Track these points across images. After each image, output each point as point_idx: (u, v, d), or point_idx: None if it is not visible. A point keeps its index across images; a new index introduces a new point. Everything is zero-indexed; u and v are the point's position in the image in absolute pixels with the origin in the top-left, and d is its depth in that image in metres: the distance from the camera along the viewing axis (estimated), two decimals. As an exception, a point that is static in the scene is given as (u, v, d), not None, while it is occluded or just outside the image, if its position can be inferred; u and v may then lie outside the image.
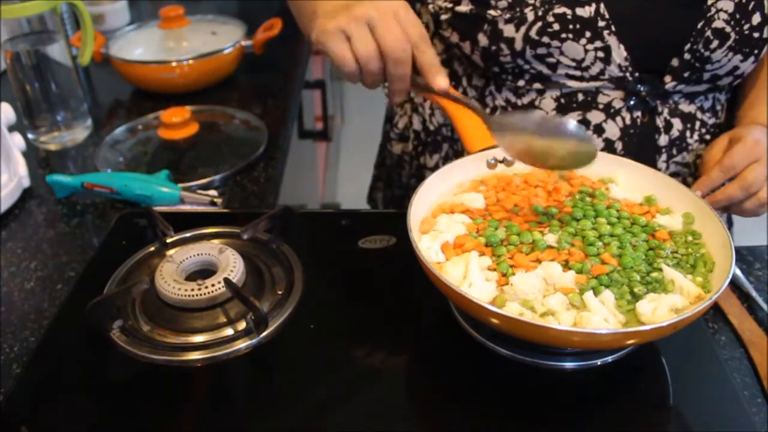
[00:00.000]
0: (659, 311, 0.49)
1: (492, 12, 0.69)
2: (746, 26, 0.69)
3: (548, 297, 0.51)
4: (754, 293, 0.67)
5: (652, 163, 0.74)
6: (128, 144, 0.99)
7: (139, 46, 1.18)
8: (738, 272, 0.69)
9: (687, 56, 0.70)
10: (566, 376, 0.54)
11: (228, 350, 0.55)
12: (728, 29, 0.69)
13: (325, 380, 0.53)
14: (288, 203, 0.74)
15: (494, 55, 0.71)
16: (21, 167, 0.87)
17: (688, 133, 0.76)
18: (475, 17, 0.70)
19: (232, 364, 0.55)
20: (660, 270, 0.53)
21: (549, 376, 0.54)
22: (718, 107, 0.79)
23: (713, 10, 0.68)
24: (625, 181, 0.64)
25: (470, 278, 0.52)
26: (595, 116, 0.73)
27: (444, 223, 0.58)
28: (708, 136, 0.78)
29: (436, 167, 0.84)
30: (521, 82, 0.73)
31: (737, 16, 0.68)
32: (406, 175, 0.92)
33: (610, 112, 0.73)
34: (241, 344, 0.55)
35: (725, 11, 0.68)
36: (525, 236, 0.56)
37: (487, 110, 0.77)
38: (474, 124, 0.66)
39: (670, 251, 0.56)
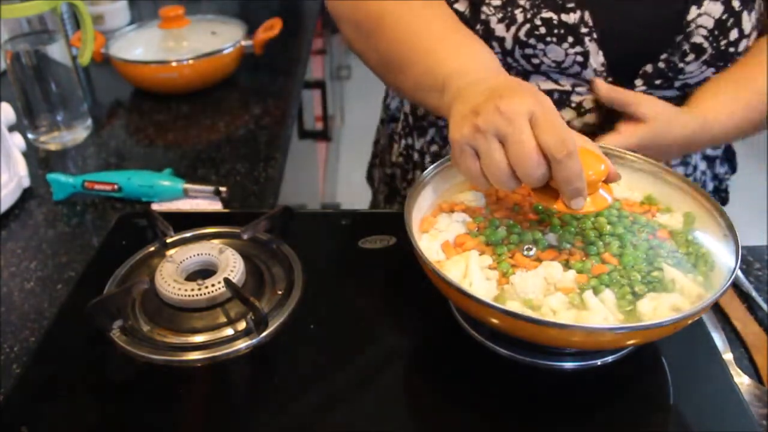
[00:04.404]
0: (659, 310, 0.49)
1: (485, 10, 0.70)
2: (723, 42, 0.70)
3: (548, 296, 0.51)
4: (754, 293, 0.67)
5: None
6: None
7: (139, 46, 1.18)
8: (738, 272, 0.69)
9: (661, 65, 0.72)
10: (566, 376, 0.54)
11: (228, 350, 0.55)
12: (706, 44, 0.70)
13: (326, 380, 0.53)
14: (288, 203, 0.74)
15: None
16: (21, 167, 0.87)
17: None
18: (471, 15, 0.72)
19: (232, 364, 0.55)
20: (661, 269, 0.53)
21: (549, 376, 0.54)
22: None
23: (693, 26, 0.70)
24: (625, 179, 0.64)
25: (470, 277, 0.52)
26: (567, 113, 0.75)
27: (444, 223, 0.58)
28: None
29: (422, 149, 0.87)
30: None
31: (716, 33, 0.70)
32: (395, 154, 0.94)
33: (581, 111, 0.74)
34: (241, 344, 0.55)
35: (705, 27, 0.70)
36: (525, 235, 0.56)
37: None
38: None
39: (671, 250, 0.56)
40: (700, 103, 0.72)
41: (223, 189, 0.82)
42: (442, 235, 0.56)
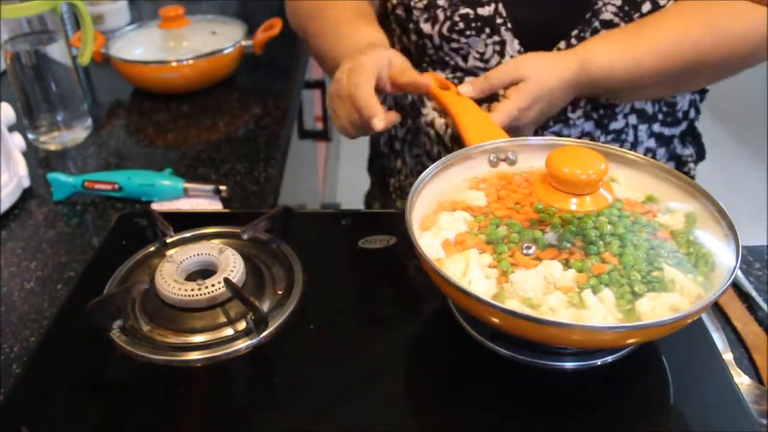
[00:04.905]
0: (658, 310, 0.49)
1: (415, 12, 0.78)
2: (636, 15, 0.73)
3: (548, 295, 0.51)
4: (754, 293, 0.67)
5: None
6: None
7: (139, 46, 1.18)
8: (738, 272, 0.69)
9: (574, 42, 0.75)
10: (566, 376, 0.54)
11: (228, 350, 0.55)
12: (617, 20, 0.73)
13: (325, 380, 0.53)
14: (288, 203, 0.74)
15: (423, 48, 0.81)
16: (21, 167, 0.87)
17: (569, 108, 0.80)
18: (405, 17, 0.81)
19: (232, 364, 0.55)
20: (661, 269, 0.53)
21: (549, 376, 0.54)
22: None
23: (600, 3, 0.73)
24: (627, 179, 0.64)
25: (470, 276, 0.51)
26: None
27: (445, 221, 0.58)
28: (595, 115, 0.81)
29: (404, 138, 0.93)
30: (448, 72, 0.82)
31: (626, 8, 0.73)
32: (381, 144, 1.01)
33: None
34: (241, 344, 0.55)
35: (614, 4, 0.73)
36: (526, 234, 0.56)
37: None
38: (473, 120, 0.66)
39: (672, 251, 0.56)
40: (584, 47, 0.73)
41: (223, 188, 0.83)
42: (443, 233, 0.56)
